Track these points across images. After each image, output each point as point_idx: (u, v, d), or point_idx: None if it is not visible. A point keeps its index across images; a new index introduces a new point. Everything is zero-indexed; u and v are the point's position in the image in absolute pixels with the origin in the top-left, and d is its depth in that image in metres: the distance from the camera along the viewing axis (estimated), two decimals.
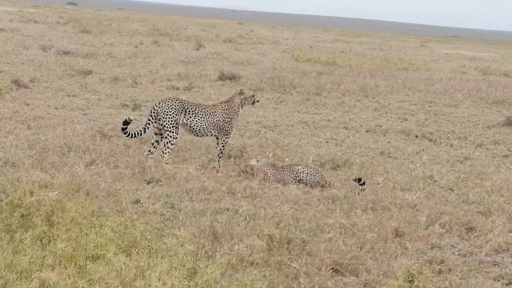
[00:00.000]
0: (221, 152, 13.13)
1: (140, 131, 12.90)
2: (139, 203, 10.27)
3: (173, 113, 12.81)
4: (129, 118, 12.78)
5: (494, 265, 9.19)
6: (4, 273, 6.89)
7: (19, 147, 13.22)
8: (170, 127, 12.80)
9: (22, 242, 7.64)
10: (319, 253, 8.61)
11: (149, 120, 12.91)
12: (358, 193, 11.84)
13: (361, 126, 18.98)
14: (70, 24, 50.00)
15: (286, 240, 8.82)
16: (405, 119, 20.74)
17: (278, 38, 55.19)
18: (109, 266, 7.24)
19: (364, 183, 12.13)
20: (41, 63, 26.76)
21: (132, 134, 12.83)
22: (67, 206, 8.71)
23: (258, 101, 13.57)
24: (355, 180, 12.17)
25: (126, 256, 7.56)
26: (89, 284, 6.95)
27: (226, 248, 8.56)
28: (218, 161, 13.07)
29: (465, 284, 8.27)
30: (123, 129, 12.78)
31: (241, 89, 13.54)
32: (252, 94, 13.44)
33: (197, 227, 9.29)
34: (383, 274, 8.41)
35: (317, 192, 11.87)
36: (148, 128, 12.90)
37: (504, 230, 10.38)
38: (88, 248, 7.59)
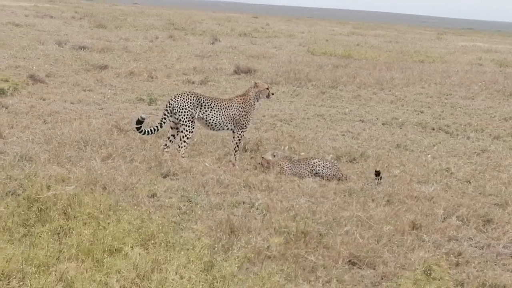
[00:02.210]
0: (237, 145, 13.13)
1: (156, 126, 12.91)
2: (155, 197, 10.29)
3: (189, 107, 12.82)
4: (141, 117, 12.79)
5: None
6: (22, 266, 6.92)
7: (35, 141, 13.27)
8: (186, 121, 12.80)
9: (40, 236, 7.68)
10: (336, 246, 8.61)
11: (164, 114, 12.92)
12: (375, 186, 11.82)
13: (377, 119, 18.94)
14: (86, 19, 50.12)
15: (303, 233, 8.82)
16: (422, 112, 20.68)
17: (293, 32, 55.09)
18: (126, 259, 7.26)
19: (380, 177, 12.11)
20: (57, 58, 26.83)
21: (147, 131, 12.84)
22: (84, 200, 8.75)
23: (273, 94, 13.50)
24: (376, 173, 12.15)
25: (143, 249, 7.58)
26: (107, 277, 6.97)
27: (243, 241, 8.56)
28: (234, 155, 13.07)
29: (483, 276, 8.24)
30: (137, 129, 12.82)
31: (255, 82, 13.51)
32: (267, 87, 13.39)
33: (214, 221, 9.30)
34: (400, 267, 8.39)
35: (334, 185, 11.85)
36: (164, 123, 12.91)
37: None
38: (105, 241, 7.61)
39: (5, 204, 8.51)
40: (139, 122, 12.74)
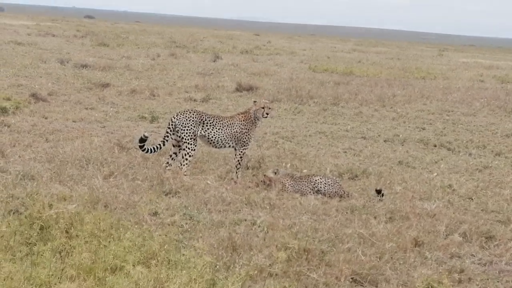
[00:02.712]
0: (239, 163, 13.13)
1: (159, 144, 12.94)
2: (157, 215, 10.28)
3: (191, 125, 12.84)
4: (144, 135, 12.81)
5: None
6: (24, 285, 6.91)
7: (37, 160, 13.28)
8: (188, 139, 12.82)
9: (41, 255, 7.67)
10: (338, 264, 8.59)
11: (167, 132, 12.94)
12: (377, 203, 11.80)
13: (379, 135, 18.94)
14: (88, 37, 50.28)
15: (305, 250, 8.81)
16: (423, 128, 20.69)
17: (295, 49, 55.21)
18: (128, 278, 7.25)
19: (382, 194, 12.10)
20: (59, 76, 26.89)
21: (150, 149, 12.87)
22: (86, 218, 8.75)
23: (267, 114, 13.32)
24: (377, 192, 12.15)
25: (145, 268, 7.57)
26: None
27: (245, 259, 8.55)
28: (236, 172, 13.07)
29: None
30: (140, 147, 12.84)
31: (254, 101, 13.52)
32: (263, 106, 13.23)
33: (216, 239, 9.28)
34: (402, 284, 8.38)
35: (336, 202, 11.84)
36: (166, 141, 12.93)
37: None
38: (107, 260, 7.60)
39: (7, 222, 8.51)
40: (142, 140, 12.76)
